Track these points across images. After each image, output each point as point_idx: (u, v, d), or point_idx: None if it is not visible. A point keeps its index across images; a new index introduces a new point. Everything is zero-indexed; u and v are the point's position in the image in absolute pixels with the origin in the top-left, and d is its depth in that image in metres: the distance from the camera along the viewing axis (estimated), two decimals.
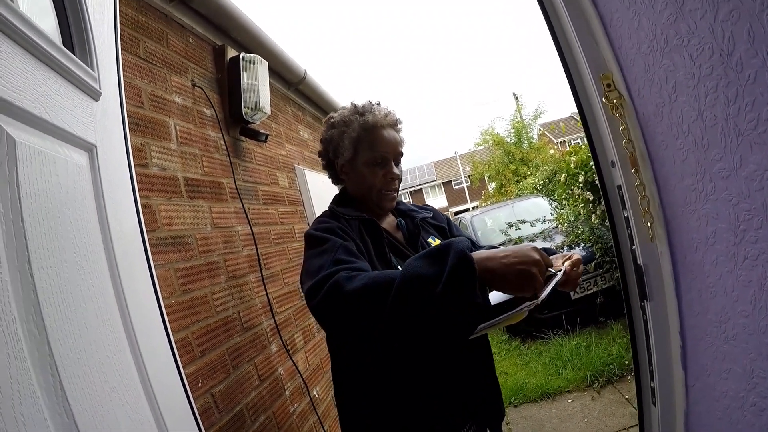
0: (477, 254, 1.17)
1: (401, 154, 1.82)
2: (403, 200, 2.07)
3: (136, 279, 1.39)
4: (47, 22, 1.29)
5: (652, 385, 1.39)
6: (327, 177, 1.98)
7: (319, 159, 1.97)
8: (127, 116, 1.59)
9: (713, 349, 1.15)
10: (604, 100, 1.19)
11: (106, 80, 1.44)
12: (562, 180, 6.54)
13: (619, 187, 1.25)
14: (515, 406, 4.78)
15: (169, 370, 1.49)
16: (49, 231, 0.98)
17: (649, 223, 1.19)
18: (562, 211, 7.17)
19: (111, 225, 1.29)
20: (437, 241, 1.88)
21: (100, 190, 1.28)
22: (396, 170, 1.78)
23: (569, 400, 4.61)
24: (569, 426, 4.17)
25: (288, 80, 3.97)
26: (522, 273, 1.13)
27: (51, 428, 0.88)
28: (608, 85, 1.18)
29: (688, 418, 1.30)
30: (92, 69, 1.35)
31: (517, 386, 5.08)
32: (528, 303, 1.15)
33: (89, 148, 1.27)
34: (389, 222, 1.89)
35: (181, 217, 2.12)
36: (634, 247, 1.27)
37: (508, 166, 23.69)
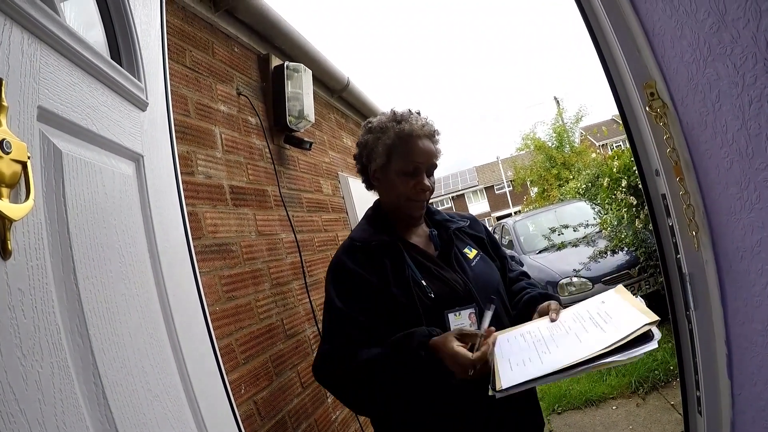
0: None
1: (435, 166, 1.81)
2: (440, 208, 2.04)
3: (181, 287, 1.40)
4: (94, 33, 1.32)
5: (698, 394, 1.36)
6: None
7: (354, 162, 1.97)
8: (174, 125, 1.61)
9: (759, 358, 1.13)
10: (647, 108, 1.16)
11: (153, 90, 1.46)
12: (604, 184, 6.51)
13: (664, 196, 1.23)
14: (559, 414, 4.71)
15: (213, 378, 1.50)
16: (94, 241, 1.00)
17: (694, 232, 1.17)
18: (606, 216, 7.10)
19: (157, 234, 1.30)
20: (474, 252, 1.86)
21: (147, 200, 1.29)
22: (427, 181, 1.77)
23: (614, 407, 4.52)
24: None
25: (331, 88, 3.99)
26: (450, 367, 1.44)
27: None
28: (651, 94, 1.16)
29: (735, 427, 1.28)
30: (139, 80, 1.37)
31: (560, 393, 5.01)
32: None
33: (136, 158, 1.29)
34: (421, 233, 1.88)
35: (226, 225, 2.14)
36: (679, 255, 1.25)
37: (550, 170, 23.35)
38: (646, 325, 1.23)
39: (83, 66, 1.08)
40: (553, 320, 1.56)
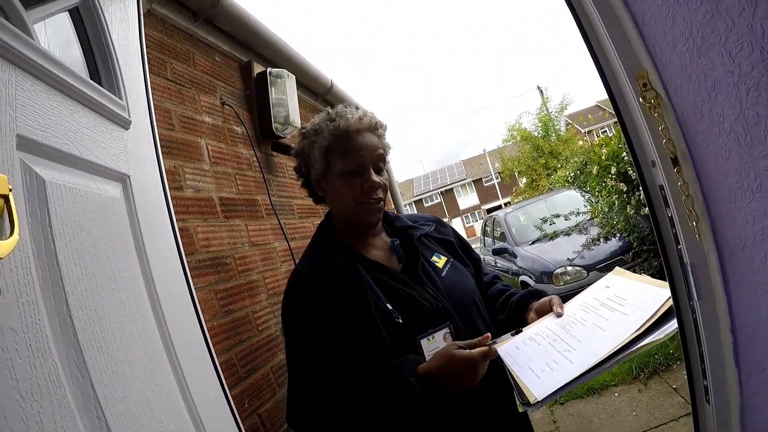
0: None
1: (382, 160, 1.62)
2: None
3: (178, 307, 1.37)
4: (71, 53, 1.28)
5: (705, 383, 1.35)
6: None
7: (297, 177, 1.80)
8: (159, 140, 1.57)
9: (766, 345, 1.12)
10: (641, 99, 1.15)
11: (135, 107, 1.43)
12: (594, 172, 6.53)
13: (661, 187, 1.22)
14: (561, 404, 4.69)
15: (217, 396, 1.47)
16: (85, 270, 0.96)
17: (694, 223, 1.16)
18: (597, 203, 7.10)
19: (149, 255, 1.26)
20: (443, 259, 1.69)
21: (136, 221, 1.25)
22: (377, 178, 1.57)
23: (616, 394, 4.52)
24: (618, 420, 4.09)
25: (315, 91, 3.96)
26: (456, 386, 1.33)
27: None
28: (644, 85, 1.15)
29: (744, 413, 1.27)
30: (120, 98, 1.34)
31: None
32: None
33: (122, 179, 1.25)
34: (381, 245, 1.70)
35: (218, 238, 2.11)
36: (679, 246, 1.24)
37: (537, 160, 23.39)
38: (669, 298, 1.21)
39: (61, 88, 1.05)
40: (559, 315, 1.47)
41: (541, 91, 27.15)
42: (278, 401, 2.18)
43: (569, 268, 6.73)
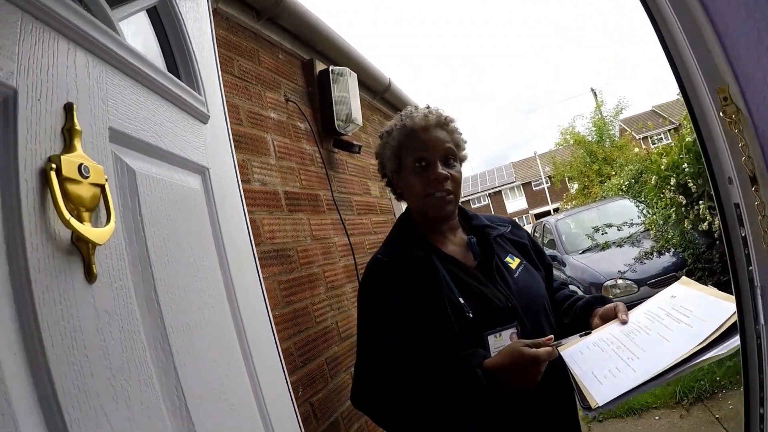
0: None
1: (451, 153, 1.67)
2: (477, 205, 1.92)
3: (250, 295, 1.42)
4: (150, 50, 1.34)
5: (761, 411, 1.30)
6: None
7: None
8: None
9: None
10: (721, 114, 1.12)
11: (212, 102, 1.48)
12: (652, 182, 6.25)
13: (737, 205, 1.18)
14: (600, 421, 4.53)
15: (280, 384, 1.51)
16: (171, 257, 1.01)
17: None
18: (652, 215, 6.82)
19: (226, 245, 1.32)
20: (516, 261, 1.71)
21: (215, 212, 1.31)
22: (444, 170, 1.62)
23: (656, 417, 4.33)
24: None
25: (373, 89, 3.98)
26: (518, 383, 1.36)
27: None
28: (725, 99, 1.11)
29: None
30: (199, 93, 1.39)
31: None
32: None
33: (202, 171, 1.30)
34: (457, 241, 1.74)
35: (282, 230, 2.16)
36: (751, 267, 1.19)
37: (590, 166, 22.68)
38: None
39: (146, 84, 1.10)
40: (624, 323, 1.46)
41: (596, 94, 26.49)
42: (330, 392, 2.22)
43: (619, 281, 6.51)
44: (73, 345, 0.71)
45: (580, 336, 1.46)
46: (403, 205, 3.71)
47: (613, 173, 17.25)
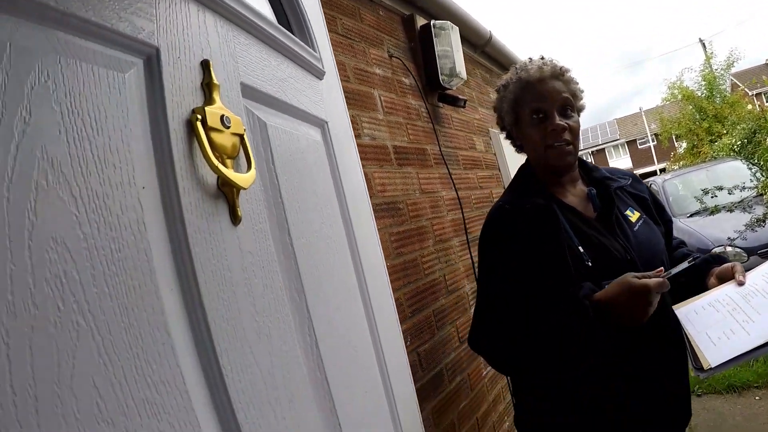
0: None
1: (569, 104, 1.64)
2: (596, 165, 1.86)
3: (367, 245, 1.47)
4: (263, 9, 1.39)
5: None
6: None
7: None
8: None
9: None
10: None
11: (325, 59, 1.52)
12: (766, 143, 5.75)
13: None
14: (698, 396, 4.30)
15: (394, 331, 1.57)
16: (301, 204, 1.07)
17: None
18: (767, 179, 6.28)
19: (346, 195, 1.37)
20: (636, 214, 1.68)
21: (335, 163, 1.36)
22: (561, 120, 1.60)
23: (756, 397, 4.07)
24: (752, 426, 3.70)
25: (474, 43, 3.91)
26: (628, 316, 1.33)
27: (309, 385, 0.96)
28: None
29: None
30: (314, 50, 1.43)
31: None
32: None
33: (321, 124, 1.35)
34: (577, 192, 1.71)
35: (392, 184, 2.20)
36: None
37: (699, 123, 21.04)
38: None
39: (268, 42, 1.14)
40: (741, 284, 1.41)
41: (704, 45, 24.52)
42: (436, 343, 2.27)
43: (728, 249, 6.07)
44: (223, 282, 0.77)
45: (688, 263, 1.41)
46: (508, 161, 3.70)
47: (725, 132, 16.02)
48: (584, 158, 1.84)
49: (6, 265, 0.50)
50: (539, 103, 1.62)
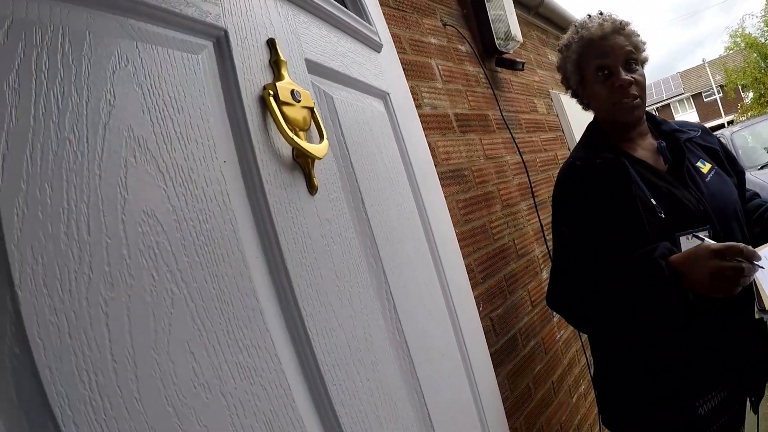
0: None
1: (632, 57, 1.62)
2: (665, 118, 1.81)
3: (436, 211, 1.50)
4: None
5: None
6: None
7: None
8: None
9: None
10: None
11: (381, 31, 1.54)
12: None
13: None
14: None
15: (466, 295, 1.60)
16: (372, 174, 1.10)
17: None
18: None
19: (413, 163, 1.39)
20: (708, 166, 1.65)
21: (399, 133, 1.38)
22: (626, 75, 1.59)
23: None
24: None
25: (527, 5, 3.82)
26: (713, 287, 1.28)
27: (389, 347, 1.00)
28: None
29: None
30: (370, 24, 1.45)
31: None
32: None
33: (383, 96, 1.38)
34: (647, 146, 1.69)
35: (456, 152, 2.20)
36: None
37: (765, 71, 19.98)
38: None
39: (327, 19, 1.17)
40: None
41: None
42: (508, 308, 2.27)
43: None
44: (305, 249, 0.81)
45: None
46: (571, 122, 3.63)
47: None
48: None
49: (101, 238, 0.54)
50: (603, 60, 1.61)
